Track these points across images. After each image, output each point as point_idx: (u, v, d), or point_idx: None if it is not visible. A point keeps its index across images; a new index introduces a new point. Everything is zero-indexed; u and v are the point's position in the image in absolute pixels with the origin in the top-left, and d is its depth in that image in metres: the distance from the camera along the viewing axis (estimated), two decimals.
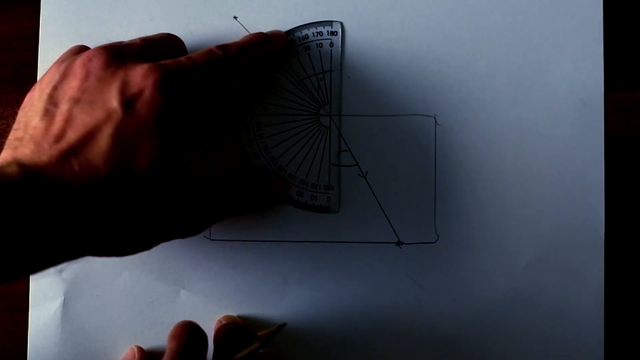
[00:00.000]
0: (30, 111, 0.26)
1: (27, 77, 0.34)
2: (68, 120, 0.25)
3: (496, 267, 0.33)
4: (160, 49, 0.29)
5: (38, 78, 0.33)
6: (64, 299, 0.33)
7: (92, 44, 0.30)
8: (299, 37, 0.34)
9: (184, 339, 0.30)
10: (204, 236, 0.34)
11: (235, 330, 0.32)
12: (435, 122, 0.34)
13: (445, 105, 0.34)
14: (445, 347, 0.33)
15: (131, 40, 0.29)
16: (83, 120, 0.25)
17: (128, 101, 0.25)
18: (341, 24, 0.34)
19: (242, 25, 0.34)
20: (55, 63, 0.28)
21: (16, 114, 0.32)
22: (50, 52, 0.33)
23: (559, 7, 0.34)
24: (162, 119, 0.26)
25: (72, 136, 0.25)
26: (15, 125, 0.27)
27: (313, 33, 0.34)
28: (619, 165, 0.34)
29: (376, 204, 0.34)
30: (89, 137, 0.24)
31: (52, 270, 0.25)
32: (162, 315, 0.33)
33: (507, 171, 0.33)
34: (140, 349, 0.33)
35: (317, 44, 0.34)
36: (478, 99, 0.34)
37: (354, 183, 0.34)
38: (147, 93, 0.25)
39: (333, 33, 0.34)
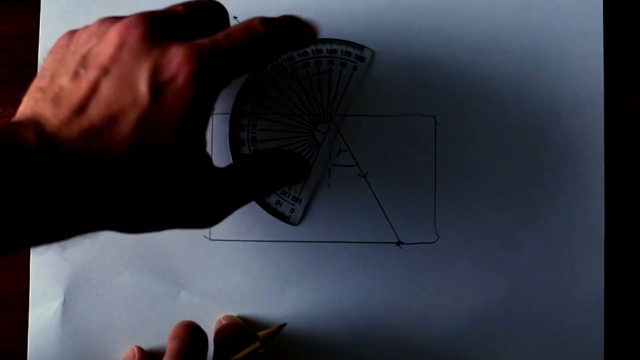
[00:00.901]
0: (61, 65, 0.25)
1: (27, 77, 0.33)
2: (94, 90, 0.24)
3: (496, 267, 0.33)
4: (203, 22, 0.27)
5: None
6: (64, 299, 0.33)
7: None
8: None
9: (185, 339, 0.30)
10: (203, 236, 0.34)
11: (235, 330, 0.32)
12: (435, 122, 0.34)
13: (445, 105, 0.34)
14: (446, 347, 0.33)
15: (175, 6, 0.27)
16: (108, 97, 0.23)
17: (158, 87, 0.24)
18: (372, 52, 0.33)
19: None
20: (100, 19, 0.26)
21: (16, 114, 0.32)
22: None
23: (559, 7, 0.34)
24: (191, 110, 0.24)
25: (94, 113, 0.23)
26: (41, 72, 0.25)
27: (342, 51, 0.34)
28: (619, 165, 0.34)
29: (376, 204, 0.34)
30: (111, 119, 0.23)
31: (55, 246, 0.24)
32: (162, 315, 0.33)
33: (507, 171, 0.33)
34: (140, 349, 0.33)
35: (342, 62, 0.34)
36: (478, 99, 0.34)
37: (354, 183, 0.34)
38: (179, 82, 0.24)
39: (361, 58, 0.34)
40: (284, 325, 0.32)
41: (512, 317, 0.33)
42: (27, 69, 0.34)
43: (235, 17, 0.34)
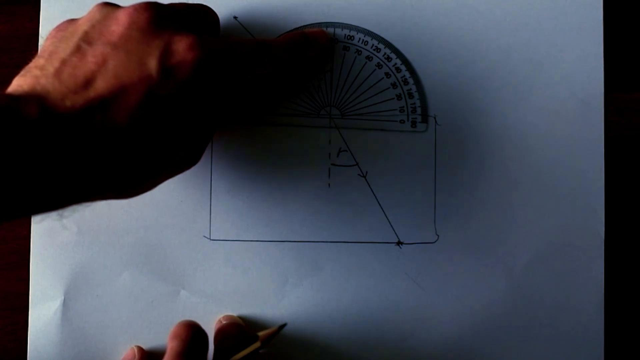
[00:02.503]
0: (61, 42, 0.25)
1: None
2: (101, 64, 0.24)
3: (496, 267, 0.33)
4: (198, 21, 0.29)
5: None
6: (64, 299, 0.33)
7: None
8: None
9: (185, 339, 0.30)
10: (203, 236, 0.34)
11: (235, 330, 0.32)
12: (435, 122, 0.34)
13: (445, 105, 0.34)
14: (446, 347, 0.33)
15: (176, 4, 0.28)
16: (116, 71, 0.24)
17: (167, 68, 0.25)
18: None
19: (242, 25, 0.34)
20: (96, 7, 0.27)
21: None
22: None
23: (559, 7, 0.34)
24: (195, 96, 0.26)
25: (102, 85, 0.24)
26: (38, 54, 0.26)
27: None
28: (619, 165, 0.34)
29: (376, 204, 0.34)
30: (120, 92, 0.24)
31: (54, 214, 0.24)
32: (162, 315, 0.33)
33: (507, 171, 0.33)
34: (140, 349, 0.33)
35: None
36: (478, 99, 0.34)
37: (354, 183, 0.34)
38: (187, 67, 0.25)
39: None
40: (284, 325, 0.32)
41: (512, 317, 0.33)
42: None
43: (235, 17, 0.34)
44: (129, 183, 0.26)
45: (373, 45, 0.34)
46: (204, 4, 0.30)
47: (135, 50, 0.25)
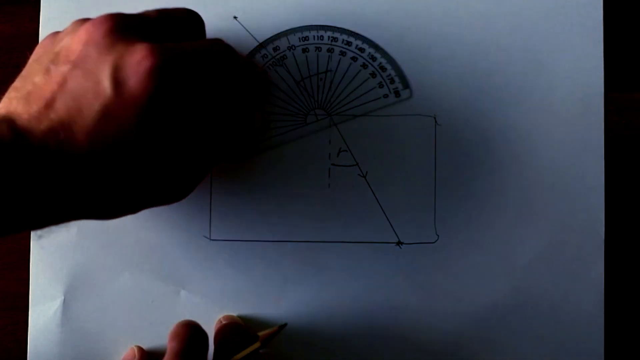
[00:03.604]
0: (36, 64, 0.26)
1: None
2: (61, 84, 0.25)
3: (496, 267, 0.33)
4: (175, 26, 0.28)
5: None
6: (64, 299, 0.33)
7: None
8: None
9: (185, 339, 0.30)
10: (203, 236, 0.34)
11: (235, 330, 0.32)
12: (435, 122, 0.34)
13: (445, 105, 0.34)
14: (446, 347, 0.33)
15: (147, 11, 0.28)
16: (73, 90, 0.24)
17: (119, 81, 0.24)
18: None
19: (242, 25, 0.34)
20: (72, 23, 0.27)
21: None
22: None
23: (559, 7, 0.34)
24: (150, 105, 0.25)
25: (61, 106, 0.24)
26: (21, 73, 0.27)
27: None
28: (619, 165, 0.34)
29: (376, 204, 0.34)
30: (76, 111, 0.24)
31: (33, 235, 0.25)
32: (162, 315, 0.33)
33: (507, 171, 0.33)
34: (140, 349, 0.33)
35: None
36: (478, 99, 0.34)
37: (354, 183, 0.34)
38: (139, 77, 0.25)
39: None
40: (284, 325, 0.32)
41: (511, 317, 0.33)
42: None
43: (235, 17, 0.34)
44: (101, 208, 0.26)
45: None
46: (186, 6, 0.29)
47: (92, 68, 0.25)
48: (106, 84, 0.24)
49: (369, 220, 0.33)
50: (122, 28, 0.26)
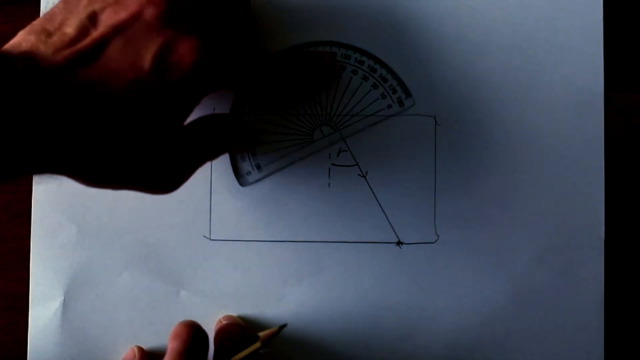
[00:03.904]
0: (71, 15, 0.26)
1: None
2: (98, 44, 0.25)
3: (496, 267, 0.33)
4: (216, 14, 0.29)
5: None
6: (64, 299, 0.33)
7: None
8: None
9: (186, 339, 0.30)
10: (203, 236, 0.34)
11: (235, 331, 0.32)
12: (435, 122, 0.34)
13: (445, 105, 0.34)
14: (446, 347, 0.33)
15: None
16: (112, 54, 0.25)
17: (161, 64, 0.25)
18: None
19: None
20: None
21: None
22: None
23: (559, 7, 0.34)
24: (182, 96, 0.26)
25: (91, 71, 0.24)
26: (50, 14, 0.26)
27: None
28: (619, 165, 0.34)
29: (376, 204, 0.34)
30: (110, 74, 0.24)
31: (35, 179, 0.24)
32: (162, 315, 0.33)
33: (507, 171, 0.33)
34: (140, 349, 0.33)
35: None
36: (478, 99, 0.34)
37: (354, 183, 0.34)
38: (182, 68, 0.25)
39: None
40: (284, 325, 0.32)
41: (511, 317, 0.33)
42: None
43: None
44: (89, 161, 0.25)
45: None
46: None
47: (136, 42, 0.25)
48: (147, 62, 0.25)
49: (369, 220, 0.33)
50: (172, 14, 0.26)
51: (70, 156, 0.25)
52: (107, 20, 0.25)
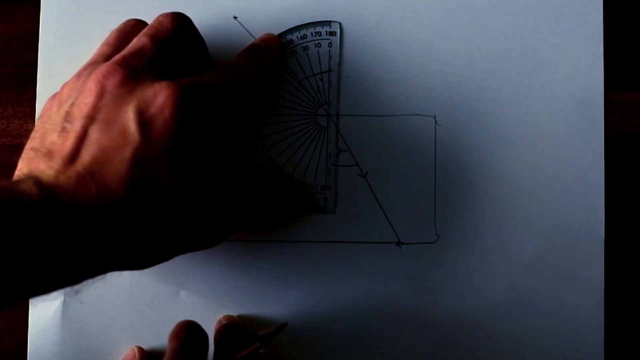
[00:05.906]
0: (48, 124, 0.26)
1: (27, 77, 0.34)
2: (82, 138, 0.25)
3: (496, 267, 0.33)
4: (172, 46, 0.28)
5: (38, 78, 0.33)
6: (64, 299, 0.33)
7: (92, 44, 0.30)
8: (297, 37, 0.34)
9: (185, 339, 0.30)
10: None
11: (235, 330, 0.32)
12: (435, 122, 0.34)
13: (445, 105, 0.34)
14: (446, 347, 0.33)
15: (141, 42, 0.27)
16: (98, 141, 0.24)
17: (146, 124, 0.25)
18: (340, 24, 0.34)
19: (242, 25, 0.34)
20: (76, 74, 0.27)
21: (17, 114, 0.32)
22: (50, 52, 0.33)
23: (559, 7, 0.34)
24: (181, 141, 0.25)
25: (86, 157, 0.24)
26: (32, 134, 0.26)
27: (312, 33, 0.34)
28: (619, 165, 0.34)
29: (376, 204, 0.34)
30: (104, 159, 0.24)
31: (69, 289, 0.24)
32: (162, 315, 0.33)
33: (507, 171, 0.33)
34: (140, 349, 0.33)
35: (315, 44, 0.34)
36: (478, 99, 0.34)
37: (354, 183, 0.34)
38: (165, 115, 0.25)
39: (332, 33, 0.34)
40: (284, 325, 0.32)
41: (511, 317, 0.33)
42: (27, 69, 0.34)
43: (235, 17, 0.34)
44: (137, 258, 0.26)
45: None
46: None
47: (113, 118, 0.25)
48: (133, 129, 0.25)
49: (369, 220, 0.33)
50: (133, 74, 0.26)
51: (109, 261, 0.25)
52: (79, 112, 0.25)
